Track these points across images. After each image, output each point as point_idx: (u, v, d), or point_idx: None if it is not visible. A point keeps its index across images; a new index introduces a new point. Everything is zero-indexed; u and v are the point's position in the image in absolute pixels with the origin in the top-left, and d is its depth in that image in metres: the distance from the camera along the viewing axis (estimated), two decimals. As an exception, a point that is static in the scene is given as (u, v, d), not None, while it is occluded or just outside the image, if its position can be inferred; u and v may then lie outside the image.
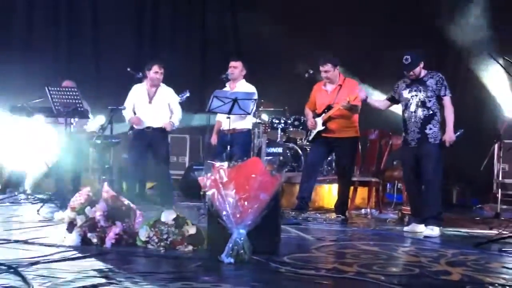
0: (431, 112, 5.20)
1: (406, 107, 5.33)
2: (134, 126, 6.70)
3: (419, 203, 5.30)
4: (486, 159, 6.47)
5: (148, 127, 6.64)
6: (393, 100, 5.54)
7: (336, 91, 5.99)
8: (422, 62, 5.26)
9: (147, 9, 10.70)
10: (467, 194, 8.15)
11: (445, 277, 3.33)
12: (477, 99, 8.49)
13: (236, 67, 6.42)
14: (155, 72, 6.60)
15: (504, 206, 6.89)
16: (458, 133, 5.32)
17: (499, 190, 7.05)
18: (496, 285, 3.18)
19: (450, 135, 5.17)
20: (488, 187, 7.72)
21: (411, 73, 5.23)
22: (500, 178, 7.35)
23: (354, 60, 8.28)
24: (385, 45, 8.68)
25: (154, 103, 6.65)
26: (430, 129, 5.19)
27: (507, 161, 7.46)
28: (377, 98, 6.02)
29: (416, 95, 5.25)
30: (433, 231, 5.02)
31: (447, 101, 5.23)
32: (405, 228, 5.33)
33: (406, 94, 5.32)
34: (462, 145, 6.13)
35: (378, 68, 8.92)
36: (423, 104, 5.21)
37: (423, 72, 5.29)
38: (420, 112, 5.21)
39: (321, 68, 5.98)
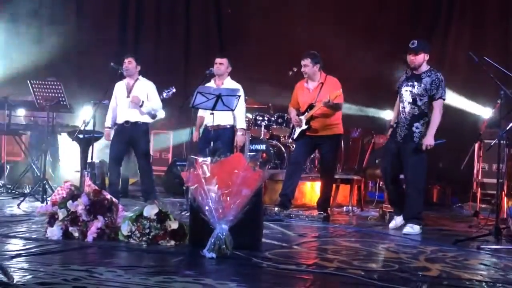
0: (419, 110, 5.07)
1: (400, 99, 5.22)
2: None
3: (394, 192, 5.35)
4: (466, 158, 6.54)
5: (126, 122, 6.58)
6: None
7: (318, 89, 6.00)
8: (427, 55, 5.07)
9: (131, 3, 10.68)
10: (447, 193, 8.24)
11: (424, 273, 3.38)
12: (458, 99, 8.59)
13: (222, 64, 6.42)
14: (124, 64, 6.60)
15: (483, 205, 6.97)
16: (440, 141, 5.14)
17: (479, 189, 7.15)
18: (474, 281, 3.24)
19: (429, 140, 5.01)
20: (468, 186, 7.81)
21: (413, 57, 5.03)
22: (480, 178, 7.44)
23: (336, 60, 8.28)
24: (369, 46, 8.74)
25: (131, 97, 6.62)
26: (417, 128, 5.08)
27: (487, 160, 7.54)
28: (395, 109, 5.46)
29: (411, 91, 5.09)
30: (413, 229, 5.06)
31: (437, 104, 5.03)
32: (390, 226, 5.40)
33: (403, 87, 5.18)
34: (443, 145, 6.20)
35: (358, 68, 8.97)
36: (413, 101, 5.08)
37: (425, 67, 5.10)
38: (409, 109, 5.11)
39: (301, 63, 6.01)
